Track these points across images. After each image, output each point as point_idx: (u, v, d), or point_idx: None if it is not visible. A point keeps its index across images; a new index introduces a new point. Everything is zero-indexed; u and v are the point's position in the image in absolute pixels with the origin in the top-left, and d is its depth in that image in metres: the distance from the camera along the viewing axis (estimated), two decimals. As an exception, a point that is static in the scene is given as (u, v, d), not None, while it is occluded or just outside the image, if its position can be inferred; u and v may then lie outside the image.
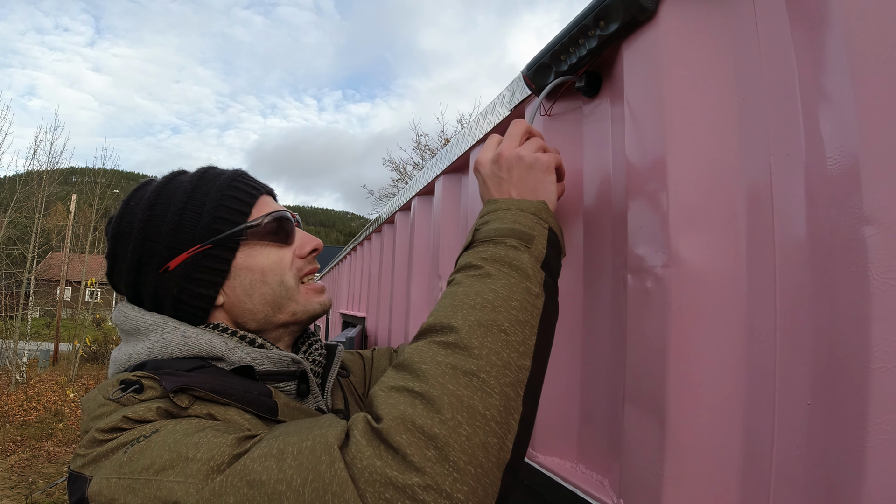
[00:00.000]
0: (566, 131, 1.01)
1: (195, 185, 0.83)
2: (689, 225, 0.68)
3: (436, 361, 0.57)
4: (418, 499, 0.48)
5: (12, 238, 16.67)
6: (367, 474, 0.49)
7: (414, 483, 0.48)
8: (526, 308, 0.62)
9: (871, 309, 0.49)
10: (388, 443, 0.51)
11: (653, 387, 0.69)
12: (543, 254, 0.67)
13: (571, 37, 0.89)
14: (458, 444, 0.51)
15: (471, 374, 0.55)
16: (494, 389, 0.55)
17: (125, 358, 0.79)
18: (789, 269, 0.60)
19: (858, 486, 0.49)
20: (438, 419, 0.52)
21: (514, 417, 0.55)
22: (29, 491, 7.15)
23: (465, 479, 0.50)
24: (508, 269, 0.65)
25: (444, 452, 0.50)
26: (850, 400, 0.51)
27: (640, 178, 0.75)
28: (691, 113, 0.70)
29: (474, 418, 0.52)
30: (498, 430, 0.53)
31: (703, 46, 0.72)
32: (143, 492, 0.56)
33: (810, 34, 0.60)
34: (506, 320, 0.60)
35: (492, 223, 0.71)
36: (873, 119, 0.51)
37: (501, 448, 0.53)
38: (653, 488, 0.68)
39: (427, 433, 0.51)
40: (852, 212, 0.52)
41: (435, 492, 0.48)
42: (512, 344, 0.59)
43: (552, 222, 0.71)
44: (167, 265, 0.80)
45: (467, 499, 0.49)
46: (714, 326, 0.66)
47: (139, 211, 0.82)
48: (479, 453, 0.51)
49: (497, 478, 0.52)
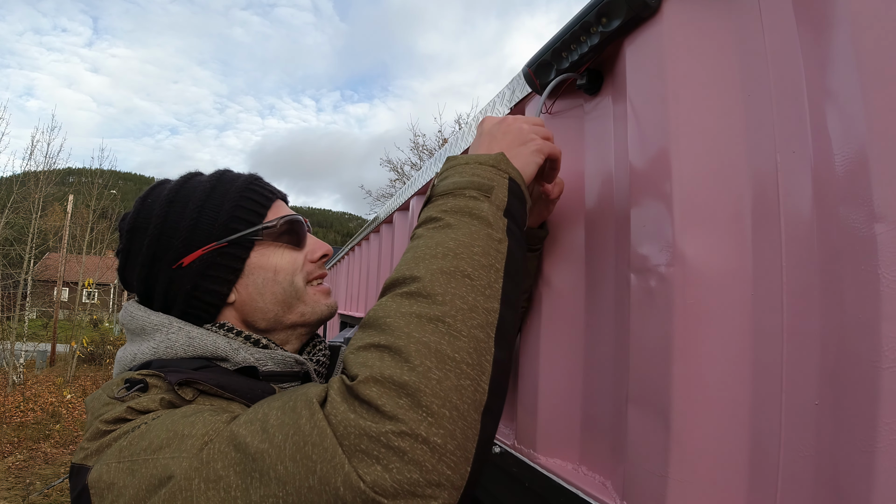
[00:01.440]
0: (568, 129, 1.00)
1: (213, 186, 0.86)
2: (693, 223, 0.67)
3: (400, 313, 0.56)
4: (393, 445, 0.48)
5: (9, 239, 16.61)
6: (342, 428, 0.50)
7: (388, 430, 0.48)
8: (489, 253, 0.61)
9: (880, 308, 0.48)
10: (360, 397, 0.51)
11: (657, 388, 0.68)
12: (505, 202, 0.67)
13: (573, 34, 0.88)
14: (430, 388, 0.50)
15: (436, 321, 0.55)
16: (462, 332, 0.54)
17: (130, 358, 0.80)
18: (796, 267, 0.59)
19: (868, 490, 0.48)
20: (407, 367, 0.51)
21: (486, 359, 0.55)
22: (26, 493, 7.12)
23: (441, 423, 0.49)
24: (469, 218, 0.64)
25: (415, 399, 0.50)
26: (858, 401, 0.50)
27: (643, 176, 0.74)
28: (695, 110, 0.70)
29: (444, 362, 0.52)
30: (470, 372, 0.53)
31: (707, 43, 0.71)
32: (141, 472, 0.57)
33: (817, 30, 0.59)
34: (469, 266, 0.59)
35: (450, 178, 0.70)
36: (883, 115, 0.50)
37: (476, 389, 0.53)
38: (657, 491, 0.67)
39: (397, 382, 0.51)
40: (861, 209, 0.51)
41: (410, 437, 0.48)
42: (477, 288, 0.58)
43: (512, 172, 0.71)
44: (181, 261, 0.81)
45: (445, 442, 0.49)
46: (719, 326, 0.65)
47: (157, 207, 0.83)
48: (453, 396, 0.51)
49: (475, 420, 0.52)
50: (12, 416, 10.86)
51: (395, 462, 0.48)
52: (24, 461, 8.57)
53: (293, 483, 0.49)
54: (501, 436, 1.13)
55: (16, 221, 17.04)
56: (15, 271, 16.39)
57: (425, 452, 0.48)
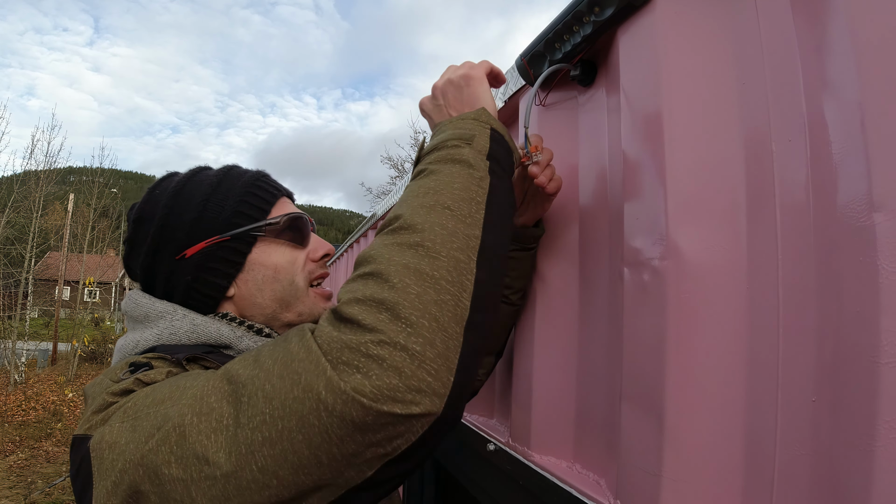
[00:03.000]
0: (561, 121, 0.98)
1: (220, 180, 0.87)
2: (687, 215, 0.65)
3: (383, 245, 0.59)
4: (373, 353, 0.50)
5: (10, 238, 16.63)
6: (326, 345, 0.52)
7: (367, 340, 0.50)
8: (469, 188, 0.63)
9: (879, 301, 0.47)
10: (343, 317, 0.53)
11: (650, 384, 0.67)
12: (487, 147, 0.69)
13: (565, 24, 0.86)
14: (409, 302, 0.52)
15: (416, 246, 0.57)
16: (441, 254, 0.56)
17: (132, 345, 0.80)
18: (793, 259, 0.58)
19: (866, 488, 0.47)
20: (387, 286, 0.54)
21: (467, 278, 0.56)
22: (28, 491, 7.13)
23: (419, 332, 0.51)
24: (451, 163, 0.67)
25: (395, 312, 0.52)
26: (857, 397, 0.49)
27: (637, 167, 0.73)
28: (689, 100, 0.68)
29: (423, 279, 0.54)
30: (450, 289, 0.55)
31: (701, 31, 0.69)
32: (142, 425, 0.57)
33: (812, 16, 0.57)
34: (449, 199, 0.62)
35: (436, 138, 0.74)
36: (880, 102, 0.48)
37: (457, 305, 0.54)
38: (651, 489, 0.65)
39: (377, 299, 0.53)
40: (859, 199, 0.49)
41: (389, 345, 0.50)
42: (457, 216, 0.60)
43: (494, 123, 0.73)
44: (184, 252, 0.82)
45: (424, 349, 0.50)
46: (714, 321, 0.63)
47: (164, 198, 0.85)
48: (432, 308, 0.53)
49: (457, 333, 0.53)
50: (14, 415, 10.89)
51: (374, 369, 0.49)
52: (26, 460, 8.59)
53: (279, 398, 0.51)
54: (496, 433, 1.12)
55: (17, 220, 17.06)
56: (16, 270, 16.41)
57: (404, 359, 0.50)
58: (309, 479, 0.50)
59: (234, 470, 0.51)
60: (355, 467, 0.51)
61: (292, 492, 0.51)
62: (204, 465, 0.52)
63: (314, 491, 0.51)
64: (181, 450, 0.53)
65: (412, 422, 0.50)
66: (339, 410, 0.48)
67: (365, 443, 0.49)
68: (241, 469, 0.51)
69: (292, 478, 0.50)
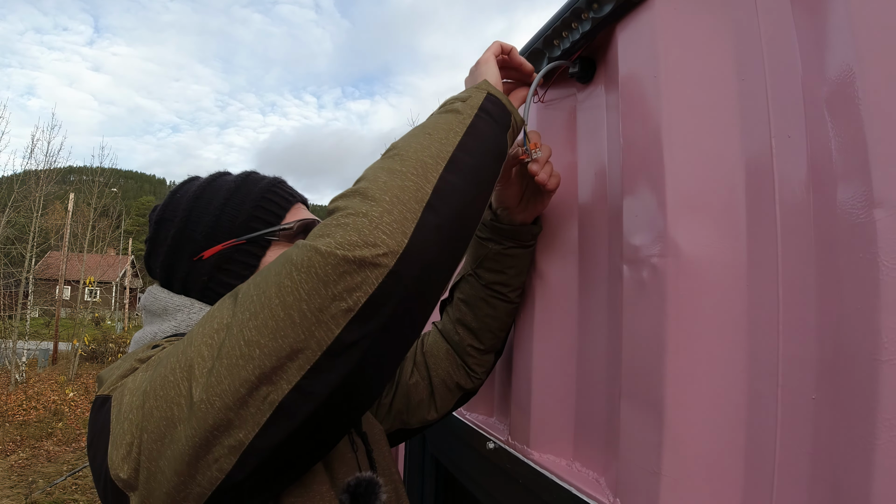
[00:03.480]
0: (560, 118, 0.98)
1: (238, 186, 0.90)
2: (686, 212, 0.65)
3: (370, 167, 0.66)
4: (340, 222, 0.57)
5: (10, 237, 16.63)
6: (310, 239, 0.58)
7: (338, 215, 0.58)
8: (451, 123, 0.70)
9: (880, 298, 0.46)
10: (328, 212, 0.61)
11: (650, 382, 0.66)
12: (479, 103, 0.74)
13: (564, 20, 0.86)
14: (376, 186, 0.60)
15: (391, 157, 0.66)
16: (411, 157, 0.64)
17: (150, 336, 0.83)
18: (792, 256, 0.58)
19: (866, 486, 0.46)
20: (363, 182, 0.62)
21: (432, 174, 0.63)
22: (29, 490, 7.14)
23: (380, 204, 0.58)
24: (443, 113, 0.73)
25: (364, 195, 0.59)
26: (857, 395, 0.48)
27: (636, 164, 0.72)
28: (688, 96, 0.68)
29: (392, 173, 0.62)
30: (415, 178, 0.61)
31: (699, 27, 0.69)
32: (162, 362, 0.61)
33: (812, 12, 0.57)
34: (431, 129, 0.69)
35: None
36: (880, 97, 0.48)
37: (419, 189, 0.61)
38: (650, 487, 0.65)
39: (351, 191, 0.62)
40: (860, 195, 0.49)
41: (353, 214, 0.57)
42: (433, 138, 0.67)
43: (492, 90, 0.77)
44: (202, 254, 0.85)
45: (381, 215, 0.57)
46: (713, 318, 0.63)
47: (184, 202, 0.88)
48: (395, 189, 0.60)
49: (414, 209, 0.59)
50: (15, 415, 10.90)
51: (338, 232, 0.56)
52: (27, 459, 8.59)
53: (265, 280, 0.58)
54: (495, 431, 1.11)
55: (17, 220, 17.06)
56: (16, 270, 16.41)
57: (363, 222, 0.56)
58: (286, 343, 0.54)
59: (228, 351, 0.56)
60: (323, 325, 0.54)
61: (273, 360, 0.54)
62: (206, 361, 0.56)
63: (291, 358, 0.54)
64: (186, 356, 0.58)
65: (366, 272, 0.55)
66: (305, 266, 0.54)
67: (328, 296, 0.54)
68: (232, 348, 0.55)
69: (272, 344, 0.54)
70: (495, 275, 0.95)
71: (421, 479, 1.72)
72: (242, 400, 0.54)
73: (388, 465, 0.88)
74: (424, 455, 1.70)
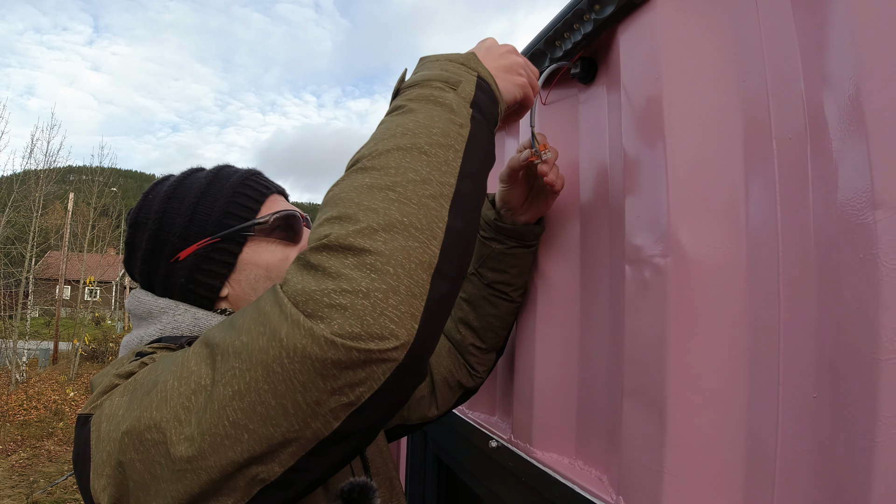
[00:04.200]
0: (562, 119, 0.98)
1: (210, 182, 0.87)
2: (688, 212, 0.65)
3: (352, 186, 0.57)
4: (335, 303, 0.48)
5: (10, 237, 16.62)
6: (292, 296, 0.51)
7: (330, 289, 0.49)
8: (448, 134, 0.61)
9: (879, 297, 0.47)
10: (308, 264, 0.52)
11: (652, 381, 0.67)
12: (472, 95, 0.66)
13: (566, 21, 0.86)
14: (375, 247, 0.51)
15: (386, 189, 0.55)
16: (412, 200, 0.55)
17: (137, 340, 0.82)
18: (793, 256, 0.58)
19: (867, 484, 0.47)
20: (353, 230, 0.52)
21: (437, 225, 0.55)
22: (30, 490, 7.14)
23: (384, 279, 0.50)
24: (432, 105, 0.64)
25: (360, 258, 0.50)
26: (857, 393, 0.49)
27: (638, 165, 0.73)
28: (690, 97, 0.68)
29: (392, 225, 0.53)
30: (419, 235, 0.53)
31: (701, 28, 0.69)
32: (136, 395, 0.58)
33: (812, 12, 0.57)
34: (426, 143, 0.59)
35: (419, 72, 0.71)
36: (881, 98, 0.48)
37: (425, 251, 0.53)
38: (653, 485, 0.66)
39: (343, 245, 0.51)
40: (860, 196, 0.49)
41: (351, 293, 0.49)
42: (432, 164, 0.58)
43: (482, 71, 0.70)
44: (178, 255, 0.83)
45: (386, 296, 0.49)
46: (715, 317, 0.64)
47: (156, 203, 0.85)
48: (399, 255, 0.51)
49: (423, 280, 0.52)
50: (15, 415, 10.90)
51: (336, 318, 0.48)
52: (28, 459, 8.60)
53: (246, 350, 0.51)
54: (498, 430, 1.12)
55: (17, 220, 17.05)
56: (16, 270, 16.40)
57: (366, 307, 0.48)
58: (277, 432, 0.50)
59: (209, 427, 0.51)
60: (321, 418, 0.50)
61: (263, 446, 0.50)
62: (184, 426, 0.52)
63: (284, 445, 0.51)
64: (161, 414, 0.53)
65: (373, 368, 0.49)
66: (300, 356, 0.48)
67: (327, 390, 0.49)
68: (215, 425, 0.51)
69: (262, 430, 0.50)
70: (498, 274, 0.96)
71: (423, 478, 1.73)
72: (230, 475, 0.51)
73: (384, 464, 0.87)
74: (426, 454, 1.70)
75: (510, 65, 0.77)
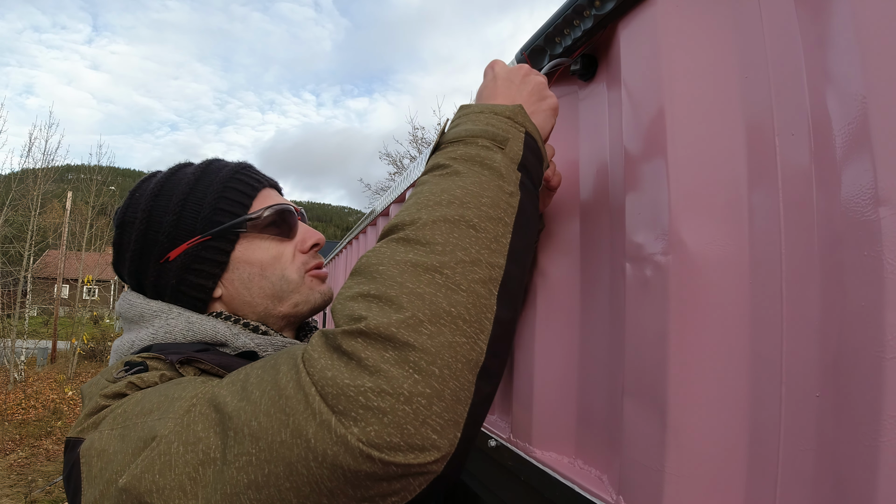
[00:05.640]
0: (562, 116, 0.98)
1: (198, 177, 0.83)
2: (689, 210, 0.65)
3: (394, 261, 0.51)
4: (372, 405, 0.43)
5: (8, 236, 16.60)
6: (320, 384, 0.46)
7: (368, 388, 0.44)
8: (499, 206, 0.56)
9: (884, 295, 0.46)
10: (341, 350, 0.47)
11: (653, 380, 0.66)
12: (520, 155, 0.62)
13: (566, 18, 0.85)
14: (419, 343, 0.46)
15: (433, 271, 0.50)
16: (461, 286, 0.49)
17: (128, 345, 0.78)
18: (796, 254, 0.57)
19: (871, 484, 0.46)
20: (396, 318, 0.47)
21: (486, 317, 0.50)
22: (28, 489, 7.13)
23: (428, 381, 0.45)
24: (480, 167, 0.59)
25: (402, 353, 0.45)
26: (861, 393, 0.48)
27: (639, 162, 0.72)
28: (691, 93, 0.67)
29: (438, 316, 0.47)
30: (467, 329, 0.48)
31: (702, 24, 0.69)
32: (130, 436, 0.55)
33: (815, 9, 0.57)
34: (475, 216, 0.54)
35: (462, 125, 0.66)
36: (885, 95, 0.48)
37: (472, 348, 0.48)
38: (653, 485, 0.65)
39: (384, 335, 0.46)
40: (864, 193, 0.49)
41: (391, 396, 0.44)
42: (482, 241, 0.53)
43: (530, 127, 0.66)
44: (167, 255, 0.80)
45: (430, 402, 0.44)
46: (717, 316, 0.63)
47: (143, 201, 0.82)
48: (445, 353, 0.46)
49: (469, 381, 0.47)
50: (14, 414, 10.89)
51: (373, 423, 0.43)
52: (26, 458, 8.59)
53: (266, 438, 0.46)
54: (497, 429, 1.11)
55: (15, 219, 17.02)
56: (15, 269, 16.38)
57: (407, 414, 0.44)
58: None
59: None
60: None
61: None
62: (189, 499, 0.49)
63: None
64: (164, 480, 0.50)
65: (409, 480, 0.45)
66: (329, 462, 0.44)
67: (357, 497, 0.45)
68: None
69: None
70: (497, 272, 0.95)
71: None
72: None
73: None
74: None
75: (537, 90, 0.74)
